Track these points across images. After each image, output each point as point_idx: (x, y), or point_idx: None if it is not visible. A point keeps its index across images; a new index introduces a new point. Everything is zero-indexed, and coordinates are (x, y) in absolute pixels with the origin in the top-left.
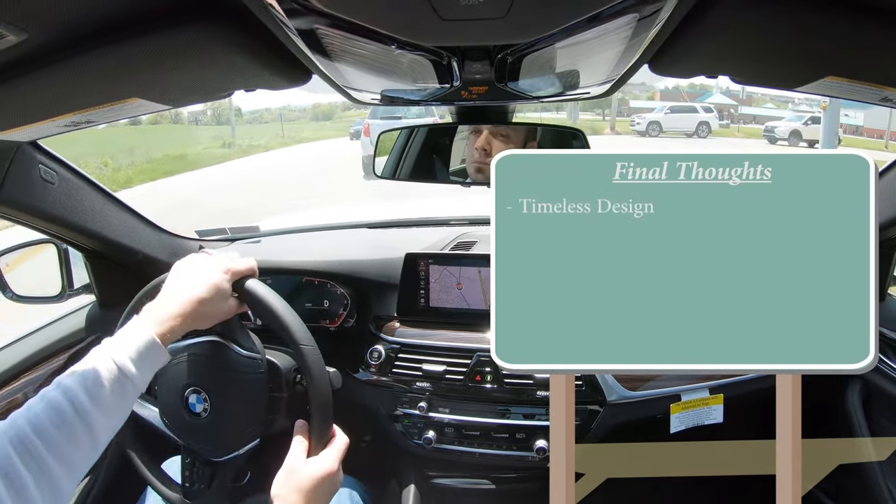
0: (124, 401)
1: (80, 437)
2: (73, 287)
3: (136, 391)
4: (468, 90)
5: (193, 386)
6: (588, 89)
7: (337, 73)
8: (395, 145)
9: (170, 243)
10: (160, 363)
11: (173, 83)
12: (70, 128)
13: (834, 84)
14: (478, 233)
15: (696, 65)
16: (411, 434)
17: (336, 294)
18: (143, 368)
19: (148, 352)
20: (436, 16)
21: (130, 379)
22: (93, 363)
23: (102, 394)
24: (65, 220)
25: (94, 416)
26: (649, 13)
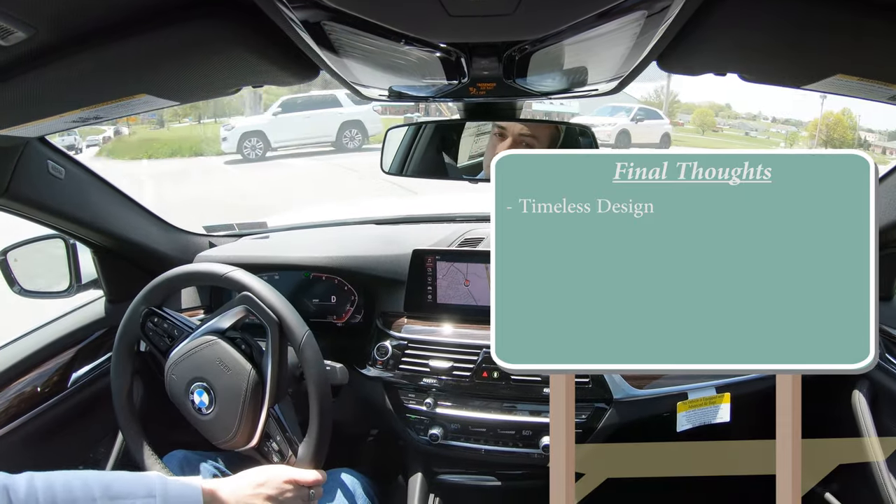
0: None
1: None
2: (80, 282)
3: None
4: (476, 87)
5: (198, 381)
6: (596, 86)
7: (345, 69)
8: (403, 142)
9: (177, 239)
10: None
11: (181, 79)
12: (78, 123)
13: (843, 82)
14: (484, 229)
15: (705, 62)
16: (417, 430)
17: (343, 290)
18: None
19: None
20: (444, 12)
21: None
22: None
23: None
24: (72, 216)
25: None
26: (658, 9)
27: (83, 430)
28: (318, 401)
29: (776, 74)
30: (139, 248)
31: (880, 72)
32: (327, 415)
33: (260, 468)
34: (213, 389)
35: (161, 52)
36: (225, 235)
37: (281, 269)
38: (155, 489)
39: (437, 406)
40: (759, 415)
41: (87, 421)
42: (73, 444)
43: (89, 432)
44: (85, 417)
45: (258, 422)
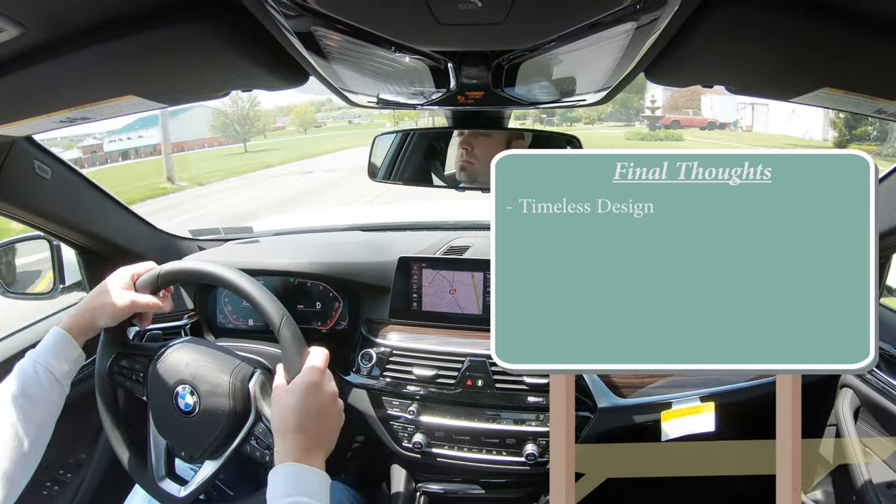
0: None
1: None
2: (65, 284)
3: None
4: (465, 95)
5: (183, 382)
6: (584, 96)
7: (334, 76)
8: (391, 149)
9: (163, 242)
10: (72, 352)
11: (169, 81)
12: (66, 123)
13: (829, 95)
14: (471, 237)
15: (692, 74)
16: (401, 438)
17: (328, 296)
18: (58, 358)
19: (56, 343)
20: (434, 20)
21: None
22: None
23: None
24: (58, 216)
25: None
26: (647, 22)
27: (64, 434)
28: (287, 335)
29: (763, 87)
30: (125, 251)
31: (866, 85)
32: (298, 342)
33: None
34: (198, 391)
35: (151, 54)
36: (211, 239)
37: (266, 274)
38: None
39: (422, 414)
40: (744, 425)
41: (68, 425)
42: (54, 449)
43: (71, 436)
44: (66, 421)
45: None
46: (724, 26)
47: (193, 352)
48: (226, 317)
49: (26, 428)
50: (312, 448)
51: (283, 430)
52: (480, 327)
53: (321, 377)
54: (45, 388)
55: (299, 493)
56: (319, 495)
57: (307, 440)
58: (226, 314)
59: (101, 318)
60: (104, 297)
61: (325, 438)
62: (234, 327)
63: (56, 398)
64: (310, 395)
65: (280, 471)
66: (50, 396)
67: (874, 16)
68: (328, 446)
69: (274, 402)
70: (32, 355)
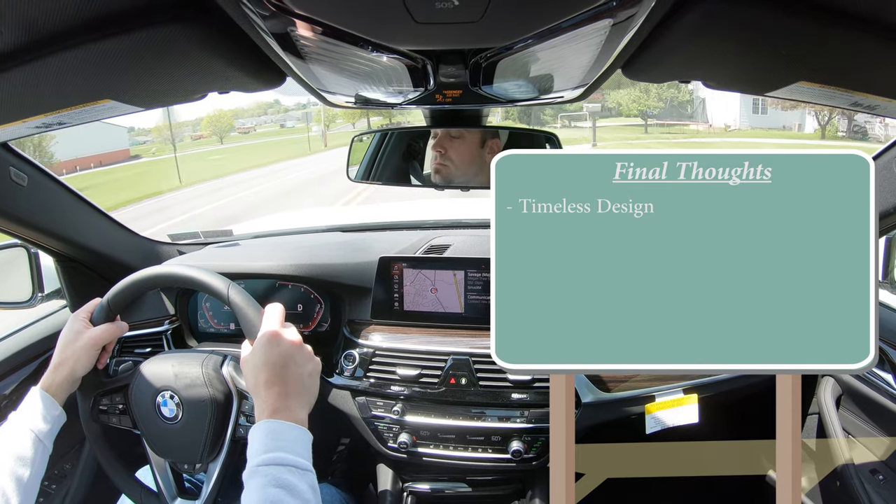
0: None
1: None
2: (43, 292)
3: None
4: (443, 93)
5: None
6: (562, 93)
7: (311, 76)
8: (369, 149)
9: (143, 247)
10: (53, 411)
11: (145, 85)
12: (41, 129)
13: (805, 89)
14: (451, 236)
15: (669, 70)
16: (387, 438)
17: (310, 298)
18: (40, 419)
19: (36, 404)
20: (410, 19)
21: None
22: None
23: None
24: (35, 224)
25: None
26: (623, 18)
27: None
28: (239, 305)
29: (740, 81)
30: (104, 257)
31: (841, 79)
32: (251, 306)
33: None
34: (176, 392)
35: (127, 57)
36: (190, 244)
37: (247, 277)
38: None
39: (406, 413)
40: (726, 415)
41: None
42: None
43: (55, 447)
44: None
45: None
46: (700, 22)
47: (163, 361)
48: (207, 321)
49: (15, 489)
50: (289, 397)
51: (255, 388)
52: (463, 326)
53: (279, 327)
54: (28, 449)
55: (276, 448)
56: (297, 448)
57: (281, 390)
58: (206, 318)
59: (78, 368)
60: (71, 347)
61: (301, 386)
62: (215, 331)
63: (39, 459)
64: (272, 346)
65: (255, 429)
66: (34, 457)
67: (849, 9)
68: (307, 396)
69: (242, 367)
70: (16, 418)
